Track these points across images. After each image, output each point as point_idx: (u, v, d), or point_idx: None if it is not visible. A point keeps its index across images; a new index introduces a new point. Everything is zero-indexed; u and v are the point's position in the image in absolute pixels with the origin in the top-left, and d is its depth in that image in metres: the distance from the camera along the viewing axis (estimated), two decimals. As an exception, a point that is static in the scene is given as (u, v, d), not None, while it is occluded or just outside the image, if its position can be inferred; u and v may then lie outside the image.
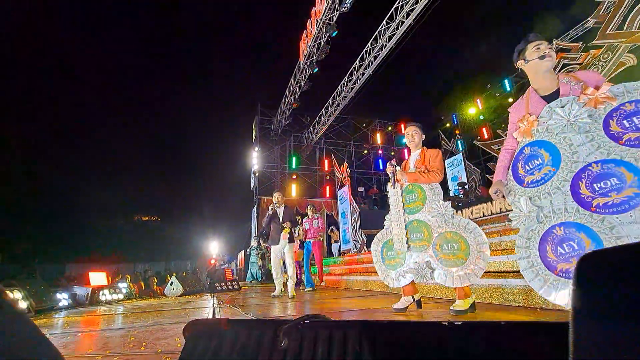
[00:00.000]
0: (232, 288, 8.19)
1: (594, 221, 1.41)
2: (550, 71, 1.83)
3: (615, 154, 1.40)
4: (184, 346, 0.63)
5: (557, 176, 1.56)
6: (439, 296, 3.79)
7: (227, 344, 0.59)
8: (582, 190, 1.46)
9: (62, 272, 12.18)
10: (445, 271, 2.64)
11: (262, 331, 0.59)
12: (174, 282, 7.74)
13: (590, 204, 1.43)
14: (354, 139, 18.84)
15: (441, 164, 2.97)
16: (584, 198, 1.45)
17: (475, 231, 2.59)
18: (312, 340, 0.56)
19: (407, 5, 8.69)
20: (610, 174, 1.39)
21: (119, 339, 2.45)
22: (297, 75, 12.90)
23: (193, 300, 6.09)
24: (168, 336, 2.39)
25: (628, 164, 1.35)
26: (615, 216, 1.35)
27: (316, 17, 10.35)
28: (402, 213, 2.95)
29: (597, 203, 1.41)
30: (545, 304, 2.56)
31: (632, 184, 1.33)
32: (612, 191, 1.38)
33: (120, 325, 3.29)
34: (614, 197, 1.37)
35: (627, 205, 1.33)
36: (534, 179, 1.67)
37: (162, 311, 4.27)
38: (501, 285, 3.03)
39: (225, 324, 0.62)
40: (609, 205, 1.37)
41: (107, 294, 6.62)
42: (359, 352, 0.52)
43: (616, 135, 1.42)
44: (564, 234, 1.49)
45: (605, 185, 1.40)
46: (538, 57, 1.82)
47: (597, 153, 1.45)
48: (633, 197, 1.32)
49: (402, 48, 9.78)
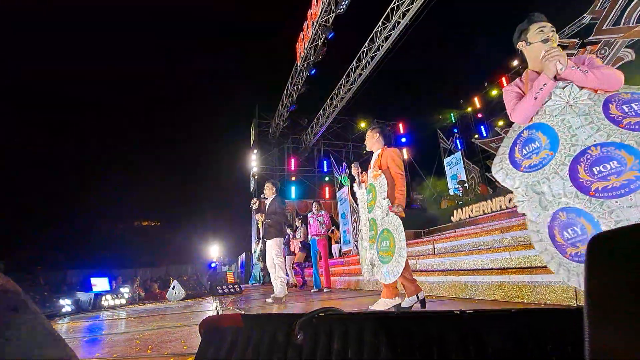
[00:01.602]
0: (234, 291, 8.19)
1: (592, 206, 1.37)
2: None
3: (616, 136, 1.35)
4: (201, 342, 0.63)
5: (555, 160, 1.51)
6: (442, 294, 3.80)
7: (243, 339, 0.60)
8: (580, 175, 1.41)
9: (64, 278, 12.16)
10: (380, 267, 2.74)
11: (276, 326, 0.59)
12: (176, 286, 7.74)
13: (589, 188, 1.38)
14: (352, 140, 18.85)
15: (395, 163, 2.98)
16: (582, 182, 1.40)
17: (402, 234, 2.68)
18: (327, 333, 0.56)
19: (403, 5, 8.72)
20: (610, 157, 1.34)
21: (125, 342, 2.45)
22: (294, 78, 12.92)
23: (195, 303, 6.08)
24: (173, 339, 2.40)
25: (628, 147, 1.32)
26: (615, 200, 1.32)
27: (312, 19, 10.38)
28: (366, 212, 3.07)
29: (596, 187, 1.36)
30: (550, 299, 2.57)
31: (632, 167, 1.29)
32: (611, 175, 1.33)
33: (125, 329, 3.29)
34: (613, 180, 1.32)
35: (627, 189, 1.29)
36: (532, 163, 1.60)
37: (166, 315, 4.27)
38: (504, 282, 3.04)
39: (240, 320, 0.63)
40: (609, 189, 1.33)
41: (110, 299, 6.61)
42: (376, 343, 0.53)
43: (616, 118, 1.38)
44: (567, 219, 1.46)
45: (604, 169, 1.35)
46: (541, 40, 1.70)
47: (597, 136, 1.40)
48: (634, 180, 1.28)
49: (398, 48, 9.82)
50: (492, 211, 8.18)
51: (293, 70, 12.84)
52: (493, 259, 3.49)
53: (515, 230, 3.70)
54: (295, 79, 12.79)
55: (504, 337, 0.48)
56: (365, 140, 3.27)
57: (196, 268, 18.93)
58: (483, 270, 3.47)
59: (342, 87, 12.46)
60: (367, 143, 3.25)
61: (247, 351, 0.58)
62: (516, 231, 3.67)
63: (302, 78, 12.17)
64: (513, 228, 3.76)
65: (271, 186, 5.04)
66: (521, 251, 3.18)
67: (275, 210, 4.84)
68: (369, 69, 10.70)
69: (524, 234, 3.53)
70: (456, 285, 3.60)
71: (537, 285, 2.70)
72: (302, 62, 11.60)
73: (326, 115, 14.23)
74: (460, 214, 9.31)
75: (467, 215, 9.04)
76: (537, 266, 2.92)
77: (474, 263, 3.75)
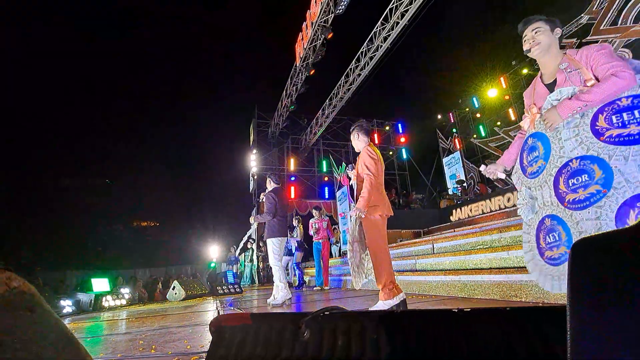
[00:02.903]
0: (234, 291, 8.21)
1: (566, 215, 1.44)
2: (550, 57, 1.65)
3: (594, 150, 1.40)
4: (212, 340, 0.67)
5: (546, 170, 1.56)
6: (441, 294, 3.83)
7: (251, 337, 0.63)
8: (560, 186, 1.48)
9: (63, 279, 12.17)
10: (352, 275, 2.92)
11: (283, 324, 0.63)
12: (176, 286, 7.76)
13: (564, 199, 1.45)
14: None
15: (364, 163, 2.87)
16: (561, 193, 1.47)
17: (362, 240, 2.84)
18: (332, 331, 0.60)
19: (402, 6, 8.76)
20: (584, 171, 1.40)
21: (128, 343, 2.48)
22: (293, 78, 12.95)
23: (196, 304, 6.11)
24: (176, 339, 2.43)
25: (601, 161, 1.35)
26: (579, 212, 1.38)
27: (311, 19, 10.40)
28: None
29: (569, 199, 1.43)
30: (547, 298, 2.61)
31: (597, 181, 1.34)
32: (580, 187, 1.40)
33: (128, 330, 3.32)
34: (580, 193, 1.39)
35: (588, 202, 1.35)
36: (532, 171, 1.66)
37: (167, 315, 4.29)
38: (503, 281, 3.08)
39: (248, 318, 0.66)
40: (576, 201, 1.39)
41: (111, 299, 6.63)
42: (377, 340, 0.56)
43: (600, 131, 1.40)
44: (550, 224, 1.53)
45: (577, 182, 1.42)
46: (525, 50, 1.71)
47: (579, 149, 1.44)
48: (595, 193, 1.34)
49: (397, 48, 9.85)
50: (491, 211, 8.23)
51: (292, 70, 12.87)
52: (492, 259, 3.53)
53: (513, 230, 3.74)
54: (295, 79, 12.82)
55: (498, 334, 0.51)
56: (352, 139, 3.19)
57: (196, 268, 18.92)
58: (482, 269, 3.50)
59: (341, 87, 12.49)
60: (354, 145, 3.18)
61: (257, 348, 0.62)
62: (514, 231, 3.71)
63: (302, 78, 12.19)
64: (511, 228, 3.80)
65: (269, 180, 4.59)
66: (519, 251, 3.21)
67: (267, 207, 4.33)
68: (368, 69, 10.74)
69: (521, 234, 3.56)
70: (455, 285, 3.64)
71: (535, 284, 2.74)
72: (302, 62, 11.62)
73: (325, 115, 14.27)
74: (459, 213, 9.36)
75: (465, 215, 9.09)
76: (535, 265, 2.95)
77: (472, 262, 3.79)
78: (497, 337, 0.51)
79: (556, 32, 1.69)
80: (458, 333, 0.53)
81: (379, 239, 2.76)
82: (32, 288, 0.61)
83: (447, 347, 0.54)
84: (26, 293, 0.59)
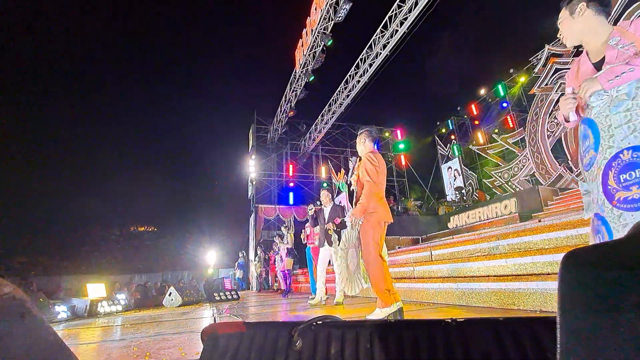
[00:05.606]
0: (231, 297, 8.14)
1: (613, 216, 1.22)
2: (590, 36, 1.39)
3: None
4: (203, 349, 0.66)
5: (596, 162, 1.31)
6: (439, 301, 3.81)
7: (245, 346, 0.63)
8: (610, 181, 1.24)
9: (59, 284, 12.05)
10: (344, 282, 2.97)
11: (277, 333, 0.62)
12: (172, 292, 7.68)
13: (613, 196, 1.22)
14: (351, 146, 18.93)
15: (365, 168, 2.89)
16: (610, 189, 1.24)
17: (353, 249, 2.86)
18: (325, 340, 0.59)
19: (401, 14, 8.85)
20: (637, 164, 1.16)
21: (122, 349, 2.45)
22: (293, 84, 13.02)
23: (192, 310, 6.05)
24: (171, 346, 2.40)
25: None
26: (631, 213, 1.14)
27: (311, 26, 10.50)
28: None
29: (619, 197, 1.20)
30: (545, 306, 2.59)
31: None
32: (634, 184, 1.16)
33: (122, 336, 3.28)
34: (634, 191, 1.15)
35: None
36: (586, 162, 1.38)
37: (162, 322, 4.25)
38: (501, 289, 3.06)
39: (242, 327, 0.65)
40: (629, 200, 1.16)
41: (106, 305, 6.56)
42: (371, 350, 0.56)
43: None
44: (596, 225, 1.32)
45: (630, 177, 1.17)
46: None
47: (632, 137, 1.18)
48: None
49: (396, 55, 9.94)
50: (489, 218, 8.23)
51: (292, 76, 12.95)
52: (489, 266, 3.52)
53: (511, 238, 3.74)
54: (294, 85, 12.90)
55: (491, 343, 0.51)
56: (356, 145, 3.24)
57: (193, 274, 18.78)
58: (480, 277, 3.49)
59: (340, 94, 12.56)
60: (358, 150, 3.21)
61: (249, 357, 0.61)
62: (512, 238, 3.71)
63: (301, 84, 12.27)
64: (509, 235, 3.80)
65: (327, 194, 5.23)
66: (517, 258, 3.21)
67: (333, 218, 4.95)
68: (367, 75, 10.82)
69: (520, 241, 3.56)
70: (453, 292, 3.62)
71: (533, 292, 2.73)
72: (301, 68, 11.70)
73: (324, 121, 14.33)
74: (457, 220, 9.36)
75: (463, 222, 9.09)
76: (533, 273, 2.95)
77: (470, 270, 3.77)
78: (491, 347, 0.50)
79: (578, 10, 1.40)
80: (452, 343, 0.52)
81: (374, 245, 2.73)
82: (24, 294, 0.60)
83: (441, 357, 0.54)
84: (17, 299, 0.59)
